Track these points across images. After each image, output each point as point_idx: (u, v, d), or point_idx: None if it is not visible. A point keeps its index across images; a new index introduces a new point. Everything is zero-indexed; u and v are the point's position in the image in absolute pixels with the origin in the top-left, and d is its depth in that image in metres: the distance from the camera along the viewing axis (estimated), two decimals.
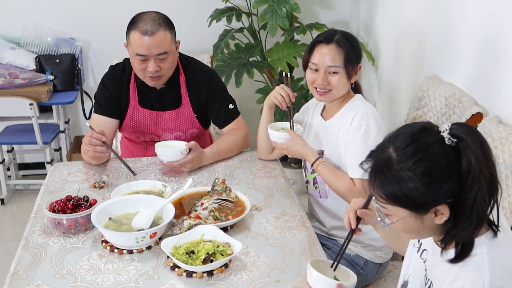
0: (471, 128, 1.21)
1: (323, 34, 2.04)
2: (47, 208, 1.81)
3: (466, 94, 2.13)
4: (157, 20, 2.18)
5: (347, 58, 1.96)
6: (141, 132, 2.42)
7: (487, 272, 1.16)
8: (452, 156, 1.16)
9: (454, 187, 1.16)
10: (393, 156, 1.20)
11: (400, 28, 2.97)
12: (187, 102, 2.37)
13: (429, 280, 1.32)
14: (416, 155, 1.17)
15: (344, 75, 1.98)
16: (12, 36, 3.69)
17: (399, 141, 1.20)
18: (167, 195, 1.95)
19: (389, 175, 1.19)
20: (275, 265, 1.65)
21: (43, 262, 1.67)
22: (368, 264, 2.10)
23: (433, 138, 1.18)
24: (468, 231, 1.19)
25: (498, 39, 2.02)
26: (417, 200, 1.18)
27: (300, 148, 2.04)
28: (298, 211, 1.95)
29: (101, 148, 2.12)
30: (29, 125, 3.54)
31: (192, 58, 2.43)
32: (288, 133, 2.06)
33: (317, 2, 3.87)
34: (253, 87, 3.48)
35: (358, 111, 1.99)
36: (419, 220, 1.22)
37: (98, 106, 2.37)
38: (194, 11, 3.77)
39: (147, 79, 2.26)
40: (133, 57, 2.21)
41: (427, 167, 1.16)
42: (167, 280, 1.58)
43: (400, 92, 2.91)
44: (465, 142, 1.16)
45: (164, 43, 2.19)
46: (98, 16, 3.74)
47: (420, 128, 1.22)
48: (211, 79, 2.38)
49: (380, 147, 1.25)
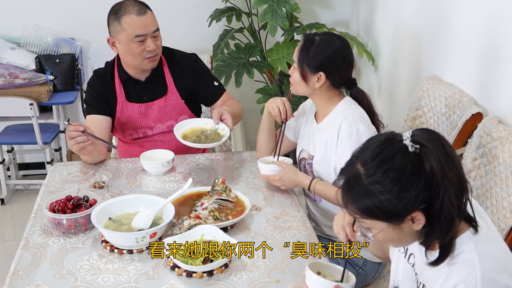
0: (432, 132, 1.23)
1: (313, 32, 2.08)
2: (47, 208, 1.81)
3: (466, 94, 2.13)
4: (139, 2, 2.29)
5: (301, 57, 1.97)
6: (133, 127, 2.43)
7: (478, 266, 1.18)
8: (416, 162, 1.18)
9: (425, 193, 1.17)
10: (361, 171, 1.21)
11: (400, 28, 2.97)
12: (173, 89, 2.42)
13: (420, 283, 1.33)
14: (382, 167, 1.18)
15: (299, 74, 2.00)
16: (12, 36, 3.69)
17: (365, 155, 1.22)
18: (224, 131, 2.17)
19: (359, 190, 1.21)
20: (275, 265, 1.65)
21: (43, 262, 1.67)
22: (367, 264, 2.10)
23: (396, 148, 1.20)
24: (439, 233, 1.20)
25: (498, 39, 2.02)
26: (390, 211, 1.19)
27: (293, 176, 2.04)
28: (298, 211, 1.96)
29: (82, 137, 2.10)
30: (29, 125, 3.54)
31: (171, 48, 2.49)
32: (278, 165, 2.07)
33: (317, 2, 3.87)
34: (253, 87, 3.48)
35: (344, 118, 1.97)
36: (398, 230, 1.23)
37: (88, 107, 2.40)
38: (194, 11, 3.77)
39: (146, 62, 2.31)
40: (130, 42, 2.25)
41: (394, 177, 1.17)
42: (167, 280, 1.58)
43: (400, 92, 2.91)
44: (426, 148, 1.18)
45: (155, 20, 2.30)
46: (98, 16, 3.70)
47: (383, 140, 1.23)
48: (195, 62, 2.47)
49: (349, 163, 1.26)
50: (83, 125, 2.13)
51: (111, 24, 2.28)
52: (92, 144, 2.14)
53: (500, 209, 1.74)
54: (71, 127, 2.11)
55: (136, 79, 2.39)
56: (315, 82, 1.99)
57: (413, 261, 1.38)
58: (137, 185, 2.13)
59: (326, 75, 1.96)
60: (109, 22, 2.29)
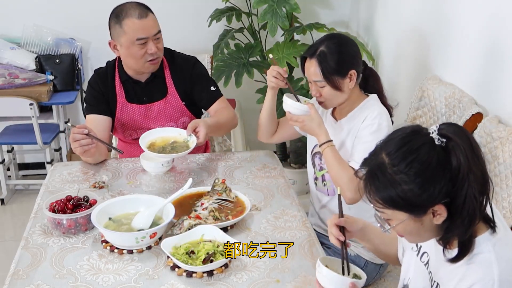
0: (459, 127, 1.24)
1: (309, 47, 2.02)
2: (47, 208, 1.81)
3: (466, 94, 2.13)
4: (140, 4, 2.28)
5: (326, 72, 1.92)
6: (133, 128, 2.43)
7: (496, 268, 1.18)
8: (442, 155, 1.19)
9: (448, 187, 1.18)
10: (385, 161, 1.22)
11: (400, 28, 2.97)
12: (173, 91, 2.41)
13: (435, 282, 1.33)
14: (408, 158, 1.19)
15: (330, 87, 1.95)
16: (12, 36, 3.69)
17: (390, 146, 1.23)
18: (192, 144, 2.12)
19: (384, 179, 1.22)
20: (275, 265, 1.65)
21: (43, 262, 1.67)
22: (369, 265, 2.10)
23: (422, 140, 1.21)
24: (461, 228, 1.20)
25: (498, 39, 2.02)
26: (413, 201, 1.20)
27: (316, 126, 1.95)
28: (298, 211, 1.95)
29: (86, 140, 2.11)
30: (29, 125, 3.54)
31: (173, 49, 2.48)
32: (309, 107, 1.98)
33: (317, 2, 3.87)
34: (253, 87, 3.48)
35: (372, 111, 1.97)
36: (418, 223, 1.24)
37: (88, 106, 2.40)
38: (194, 11, 3.77)
39: (147, 65, 2.30)
40: (132, 45, 2.24)
41: (419, 168, 1.18)
42: (167, 280, 1.58)
43: (400, 92, 2.91)
44: (454, 141, 1.19)
45: (156, 23, 2.29)
46: (98, 16, 3.69)
47: (409, 131, 1.24)
48: (193, 65, 2.45)
49: (373, 153, 1.27)
50: (87, 127, 2.13)
51: (112, 27, 2.27)
52: (95, 147, 2.14)
53: (500, 209, 1.74)
54: (75, 129, 2.11)
55: (136, 80, 2.39)
56: (348, 83, 1.96)
57: (426, 260, 1.38)
58: (137, 185, 2.13)
59: (355, 70, 1.95)
60: (110, 25, 2.28)
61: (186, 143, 2.17)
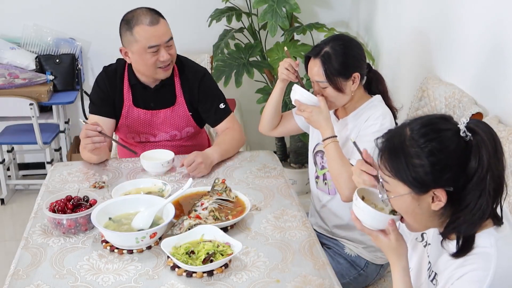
0: (488, 127, 1.25)
1: (314, 46, 2.01)
2: (47, 208, 1.81)
3: (466, 94, 2.13)
4: (152, 11, 2.23)
5: (329, 73, 1.92)
6: (136, 132, 2.42)
7: (494, 262, 1.19)
8: (462, 146, 1.20)
9: (458, 177, 1.20)
10: (407, 134, 1.25)
11: (400, 28, 2.97)
12: (181, 100, 2.38)
13: (433, 272, 1.34)
14: (429, 135, 1.22)
15: (332, 89, 1.94)
16: (12, 36, 3.69)
17: (416, 123, 1.26)
18: (167, 193, 1.96)
19: (399, 148, 1.25)
20: (275, 265, 1.65)
21: (43, 262, 1.67)
22: (369, 265, 2.10)
23: (448, 126, 1.23)
24: (469, 224, 1.22)
25: (498, 39, 2.02)
26: (419, 177, 1.22)
27: (323, 119, 1.95)
28: (298, 211, 1.95)
29: (99, 138, 2.11)
30: (29, 125, 3.54)
31: (184, 57, 2.44)
32: (319, 99, 1.97)
33: (317, 2, 3.87)
34: (253, 87, 3.48)
35: (375, 111, 1.96)
36: (416, 202, 1.26)
37: (93, 106, 2.38)
38: (194, 11, 3.77)
39: (160, 71, 2.26)
40: (143, 52, 2.20)
41: (436, 148, 1.21)
42: (167, 280, 1.58)
43: (400, 92, 2.91)
44: (480, 138, 1.20)
45: (168, 29, 2.25)
46: (98, 16, 3.74)
47: (439, 116, 1.27)
48: (202, 78, 2.39)
49: (398, 126, 1.30)
50: (100, 125, 2.12)
51: (123, 35, 2.22)
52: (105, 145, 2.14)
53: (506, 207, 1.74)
54: (89, 126, 2.11)
55: (145, 85, 2.35)
56: (351, 85, 1.95)
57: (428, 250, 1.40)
58: None
59: (359, 72, 1.95)
60: (121, 32, 2.23)
61: (161, 193, 2.00)
